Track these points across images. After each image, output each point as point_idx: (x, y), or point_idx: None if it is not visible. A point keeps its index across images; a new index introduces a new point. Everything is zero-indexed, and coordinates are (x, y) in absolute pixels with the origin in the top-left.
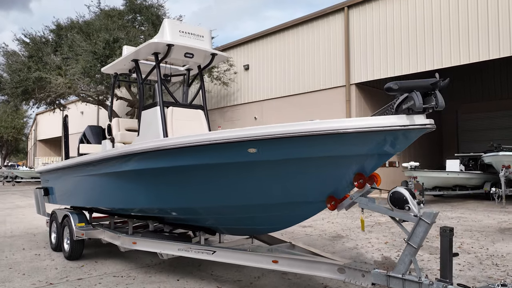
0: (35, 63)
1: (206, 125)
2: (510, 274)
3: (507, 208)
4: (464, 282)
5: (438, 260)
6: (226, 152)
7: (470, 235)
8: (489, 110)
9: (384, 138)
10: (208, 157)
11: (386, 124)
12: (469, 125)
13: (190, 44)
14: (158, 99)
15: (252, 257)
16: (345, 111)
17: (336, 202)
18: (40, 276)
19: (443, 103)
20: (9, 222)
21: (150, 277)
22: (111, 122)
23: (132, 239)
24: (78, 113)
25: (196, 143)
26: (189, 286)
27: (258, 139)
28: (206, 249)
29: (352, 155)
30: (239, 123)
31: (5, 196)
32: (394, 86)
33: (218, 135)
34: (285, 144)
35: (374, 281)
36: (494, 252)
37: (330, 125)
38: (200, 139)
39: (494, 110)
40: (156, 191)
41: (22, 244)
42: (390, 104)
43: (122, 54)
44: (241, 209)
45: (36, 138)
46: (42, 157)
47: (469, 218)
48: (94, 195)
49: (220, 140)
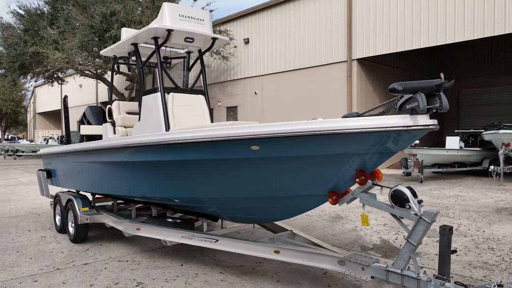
0: (31, 37)
1: (207, 110)
2: (505, 259)
3: (504, 186)
4: (460, 268)
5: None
6: (229, 149)
7: (467, 216)
8: (490, 85)
9: (387, 138)
10: (212, 153)
11: (390, 125)
12: (470, 100)
13: (190, 29)
14: (159, 85)
15: (254, 247)
16: (346, 88)
17: (338, 196)
18: (47, 260)
19: (447, 105)
20: (13, 201)
21: (154, 262)
22: (111, 105)
23: (136, 225)
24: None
25: (200, 139)
26: (193, 272)
27: (261, 138)
28: (209, 238)
29: (354, 153)
30: (239, 98)
31: (7, 171)
32: (398, 87)
33: (222, 132)
34: (287, 143)
35: (374, 274)
36: (490, 235)
37: (333, 124)
38: (204, 135)
39: (494, 85)
40: (158, 181)
41: (28, 225)
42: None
43: (121, 37)
44: (243, 200)
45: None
46: (42, 130)
47: (466, 196)
48: (97, 181)
49: (224, 137)
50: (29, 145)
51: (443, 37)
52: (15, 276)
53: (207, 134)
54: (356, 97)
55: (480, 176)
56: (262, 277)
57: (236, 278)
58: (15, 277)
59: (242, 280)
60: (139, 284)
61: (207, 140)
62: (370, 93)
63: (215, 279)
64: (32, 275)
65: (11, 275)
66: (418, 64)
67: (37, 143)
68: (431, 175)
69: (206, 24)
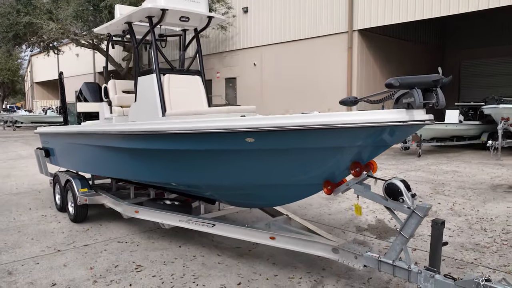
0: (24, 5)
1: (203, 91)
2: (497, 240)
3: (502, 160)
4: (452, 250)
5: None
6: (225, 140)
7: (462, 194)
8: (491, 56)
9: (383, 132)
10: (207, 144)
11: (386, 120)
12: (471, 71)
13: (185, 8)
14: (154, 66)
15: (251, 233)
16: (347, 59)
17: (333, 186)
18: (48, 241)
19: (443, 101)
20: (13, 176)
21: (153, 243)
22: (107, 84)
23: (135, 208)
24: (73, 56)
25: (195, 130)
26: (191, 254)
27: (256, 131)
28: (206, 222)
29: (350, 146)
30: (238, 69)
31: (7, 143)
32: (395, 82)
33: (217, 124)
34: (282, 136)
35: (366, 263)
36: (484, 215)
37: (329, 119)
38: (199, 126)
39: (496, 56)
40: (155, 167)
41: (28, 203)
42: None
43: (115, 14)
44: (239, 187)
45: (32, 80)
46: (40, 100)
47: (463, 172)
48: (94, 163)
49: (219, 129)
50: (28, 116)
51: (446, 7)
52: (17, 258)
53: (202, 126)
54: (357, 69)
55: (478, 150)
56: (258, 259)
57: (233, 260)
58: (17, 259)
59: (238, 263)
60: (138, 267)
61: (203, 132)
62: (370, 65)
63: (212, 261)
64: (33, 257)
65: (13, 256)
66: (420, 34)
67: (35, 114)
68: (429, 148)
69: (201, 2)
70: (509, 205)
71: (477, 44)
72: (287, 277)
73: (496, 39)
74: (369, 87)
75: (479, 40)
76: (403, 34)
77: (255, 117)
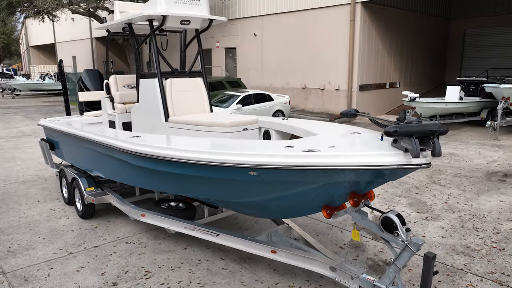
0: None
1: (205, 93)
2: (487, 242)
3: (499, 141)
4: (443, 253)
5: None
6: (229, 171)
7: (458, 183)
8: (497, 26)
9: (381, 172)
10: (213, 172)
11: (384, 163)
12: (475, 40)
13: (186, 13)
14: (156, 71)
15: (253, 245)
16: (349, 32)
17: (332, 211)
18: (59, 241)
19: (440, 151)
20: (18, 159)
21: (159, 244)
22: (108, 80)
23: (141, 212)
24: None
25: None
26: (196, 257)
27: (260, 167)
28: (211, 231)
29: (348, 182)
30: (238, 39)
31: (7, 116)
32: (394, 131)
33: (222, 157)
34: (283, 173)
35: (361, 285)
36: (477, 211)
37: (330, 160)
38: (204, 158)
39: (502, 26)
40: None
41: (36, 193)
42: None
43: (114, 9)
44: (243, 203)
45: (28, 43)
46: (38, 65)
47: (460, 155)
48: (100, 166)
49: (224, 162)
50: (27, 84)
51: None
52: (31, 261)
53: (209, 158)
54: (359, 43)
55: (477, 126)
56: (260, 264)
57: (236, 265)
58: (32, 263)
59: (241, 268)
60: (147, 273)
61: (209, 164)
62: (373, 39)
63: (216, 266)
64: (47, 260)
65: (28, 260)
66: (424, 3)
67: (34, 82)
68: None
69: (202, 4)
70: (501, 198)
71: (482, 12)
72: (287, 285)
73: (502, 7)
74: (371, 62)
75: (484, 8)
76: (406, 4)
77: (260, 153)
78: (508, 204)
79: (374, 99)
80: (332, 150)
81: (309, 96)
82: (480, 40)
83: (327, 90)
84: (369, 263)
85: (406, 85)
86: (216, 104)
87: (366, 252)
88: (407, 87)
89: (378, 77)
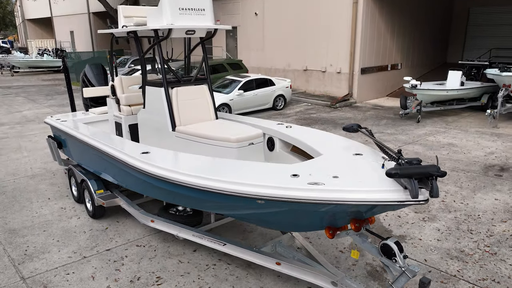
0: None
1: (210, 100)
2: (480, 246)
3: (498, 129)
4: (438, 259)
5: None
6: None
7: (455, 179)
8: (503, 4)
9: (381, 206)
10: (221, 198)
11: (384, 199)
12: (480, 19)
13: (191, 24)
14: (162, 80)
15: (258, 256)
16: (351, 14)
17: (334, 231)
18: (72, 243)
19: (437, 193)
20: (25, 150)
21: (168, 247)
22: (113, 82)
23: (150, 217)
24: None
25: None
26: (204, 262)
27: (267, 199)
28: (218, 241)
29: (350, 211)
30: (239, 18)
31: (9, 98)
32: (394, 173)
33: (233, 187)
34: (291, 203)
35: None
36: (472, 211)
37: (333, 195)
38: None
39: (506, 4)
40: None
41: (46, 190)
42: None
43: (118, 14)
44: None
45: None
46: (35, 40)
47: (459, 146)
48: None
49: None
50: (26, 61)
51: None
52: (48, 266)
53: (216, 186)
54: (361, 25)
55: (477, 112)
56: (265, 270)
57: (242, 271)
58: (49, 267)
59: (247, 274)
60: (158, 279)
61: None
62: (375, 20)
63: (223, 272)
64: (63, 265)
65: (45, 265)
66: None
67: (33, 59)
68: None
69: (207, 13)
70: (496, 196)
71: None
72: None
73: None
74: (373, 44)
75: None
76: None
77: (266, 184)
78: (502, 203)
79: (376, 81)
80: (336, 181)
81: (310, 78)
82: (485, 18)
83: (328, 72)
84: (368, 268)
85: (408, 66)
86: (218, 90)
87: (365, 257)
88: (409, 69)
89: (380, 59)
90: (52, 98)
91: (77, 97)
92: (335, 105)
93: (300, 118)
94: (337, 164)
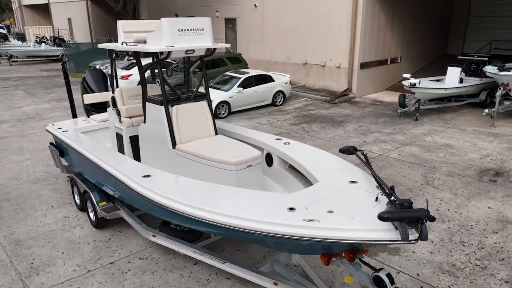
0: None
1: (210, 116)
2: (471, 259)
3: (495, 128)
4: (430, 273)
5: None
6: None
7: (450, 185)
8: None
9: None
10: (220, 229)
11: (376, 239)
12: (481, 10)
13: (191, 46)
14: (162, 98)
15: (256, 276)
16: (351, 7)
17: (329, 258)
18: (77, 256)
19: (426, 237)
20: (26, 151)
21: (170, 260)
22: (114, 94)
23: (152, 232)
24: None
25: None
26: (204, 276)
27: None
28: (218, 259)
29: (345, 246)
30: (238, 9)
31: (8, 92)
32: (386, 217)
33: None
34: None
35: None
36: (465, 220)
37: (327, 234)
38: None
39: None
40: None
41: (49, 196)
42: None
43: (118, 28)
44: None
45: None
46: (32, 26)
47: (456, 148)
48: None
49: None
50: (23, 50)
51: None
52: (54, 281)
53: (216, 219)
54: (361, 19)
55: (476, 108)
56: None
57: (241, 286)
58: (55, 282)
59: None
60: None
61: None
62: (376, 14)
63: (223, 285)
64: (68, 279)
65: (51, 279)
66: None
67: (30, 48)
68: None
69: (206, 32)
70: (490, 204)
71: None
72: None
73: None
74: (373, 39)
75: None
76: None
77: (263, 220)
78: (495, 212)
79: (375, 75)
80: (331, 218)
81: (309, 72)
82: (486, 10)
83: (328, 67)
84: (362, 284)
85: (407, 60)
86: (217, 87)
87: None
88: (409, 62)
89: (379, 53)
90: (52, 92)
91: (75, 90)
92: (334, 101)
93: (299, 115)
94: (332, 195)
